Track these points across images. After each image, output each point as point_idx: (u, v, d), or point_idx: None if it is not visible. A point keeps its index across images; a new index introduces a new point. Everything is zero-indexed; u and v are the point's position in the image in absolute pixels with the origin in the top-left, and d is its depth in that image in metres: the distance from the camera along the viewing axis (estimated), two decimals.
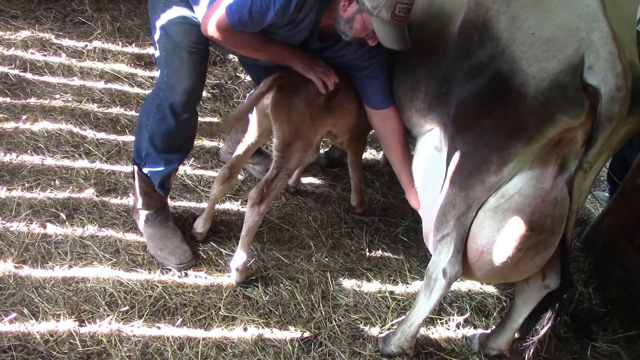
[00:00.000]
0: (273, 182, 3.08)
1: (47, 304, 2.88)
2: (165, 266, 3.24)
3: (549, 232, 2.42)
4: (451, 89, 2.60)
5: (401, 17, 2.64)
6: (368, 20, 2.67)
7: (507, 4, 2.28)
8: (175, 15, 2.93)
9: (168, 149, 3.22)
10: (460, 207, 2.52)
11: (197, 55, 2.99)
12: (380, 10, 2.60)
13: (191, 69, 2.99)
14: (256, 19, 2.68)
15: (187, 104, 3.08)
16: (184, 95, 3.03)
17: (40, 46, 4.70)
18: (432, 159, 2.87)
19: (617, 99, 2.05)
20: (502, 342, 3.03)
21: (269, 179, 3.08)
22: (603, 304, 3.64)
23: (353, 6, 2.69)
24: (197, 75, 3.05)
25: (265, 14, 2.66)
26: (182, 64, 2.97)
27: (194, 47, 2.95)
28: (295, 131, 3.03)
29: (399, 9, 2.60)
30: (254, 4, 2.63)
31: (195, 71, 3.01)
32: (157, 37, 3.00)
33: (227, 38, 2.80)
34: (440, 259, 2.65)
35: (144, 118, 3.18)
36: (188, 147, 3.36)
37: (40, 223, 3.29)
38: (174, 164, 3.28)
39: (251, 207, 3.08)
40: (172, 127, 3.12)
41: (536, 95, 2.14)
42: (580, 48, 2.08)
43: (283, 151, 3.06)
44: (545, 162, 2.34)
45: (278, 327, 3.06)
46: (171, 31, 2.93)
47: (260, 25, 2.74)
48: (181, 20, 2.93)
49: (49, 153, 3.76)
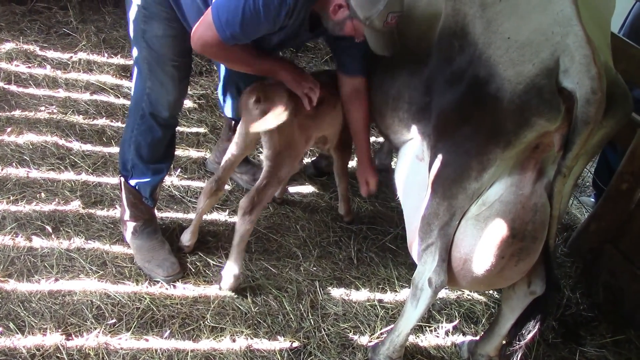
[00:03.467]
0: (264, 191, 3.07)
1: (33, 318, 2.85)
2: (153, 278, 3.22)
3: (530, 239, 2.43)
4: (434, 98, 2.61)
5: (392, 24, 2.65)
6: (359, 26, 2.67)
7: (483, 9, 2.30)
8: (158, 29, 2.90)
9: (155, 159, 3.21)
10: (443, 217, 2.53)
11: (180, 68, 3.01)
12: (373, 20, 2.59)
13: (175, 82, 3.00)
14: (248, 32, 2.66)
15: (171, 115, 3.11)
16: (168, 107, 3.05)
17: (24, 58, 4.67)
18: (414, 168, 2.88)
19: (593, 101, 2.07)
20: (490, 348, 3.03)
21: (259, 188, 3.07)
22: (590, 309, 3.65)
23: (344, 11, 2.66)
24: (181, 88, 3.09)
25: (257, 27, 2.64)
26: (165, 77, 2.98)
27: (177, 60, 2.96)
28: (285, 140, 3.04)
29: (390, 18, 2.60)
30: (245, 17, 2.59)
31: (179, 84, 3.04)
32: (139, 50, 2.98)
33: (219, 53, 2.80)
34: (426, 269, 2.65)
35: (128, 130, 3.16)
36: (173, 154, 3.37)
37: (25, 236, 3.26)
38: (162, 173, 3.28)
39: (242, 216, 3.07)
40: (159, 137, 3.12)
41: (512, 99, 2.17)
42: (555, 52, 2.10)
43: (274, 160, 3.06)
44: (524, 168, 2.36)
45: (267, 337, 3.05)
46: (154, 45, 2.92)
47: (253, 37, 2.73)
48: (164, 34, 2.91)
49: (34, 165, 3.73)
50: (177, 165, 4.03)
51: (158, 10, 2.88)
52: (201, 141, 4.35)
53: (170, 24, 2.91)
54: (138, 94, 3.08)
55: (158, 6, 2.87)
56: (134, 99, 3.13)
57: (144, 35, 2.92)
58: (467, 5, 2.38)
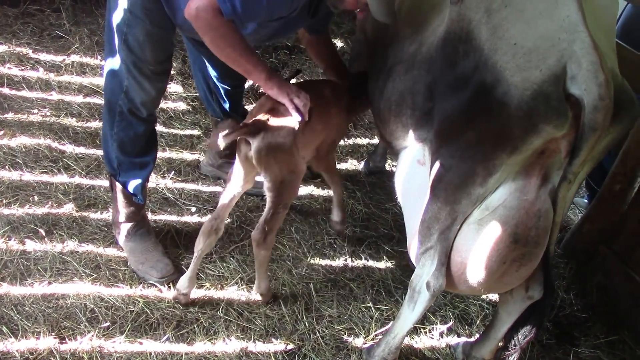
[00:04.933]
0: (272, 220, 2.96)
1: (26, 322, 2.84)
2: (147, 280, 3.21)
3: (533, 244, 2.41)
4: (437, 103, 2.60)
5: None
6: None
7: (489, 14, 2.29)
8: (139, 34, 2.88)
9: (138, 152, 3.22)
10: (445, 221, 2.51)
11: (159, 72, 3.02)
12: None
13: (152, 83, 3.02)
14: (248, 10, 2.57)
15: (149, 112, 3.15)
16: (146, 106, 3.08)
17: (17, 61, 4.66)
18: (415, 172, 2.87)
19: (601, 108, 2.06)
20: (485, 352, 3.03)
21: (267, 218, 2.95)
22: (584, 310, 3.66)
23: None
24: (159, 90, 3.11)
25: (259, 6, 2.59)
26: (144, 80, 2.99)
27: (156, 65, 2.96)
28: (287, 169, 2.91)
29: None
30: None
31: (157, 86, 3.06)
32: (118, 52, 2.95)
33: (211, 24, 2.60)
34: (424, 272, 2.64)
35: (107, 128, 3.16)
36: (155, 147, 3.37)
37: (18, 239, 3.25)
38: (148, 166, 3.29)
39: (257, 247, 3.00)
40: (141, 131, 3.15)
41: (520, 105, 2.15)
42: (562, 58, 2.09)
43: (277, 190, 2.92)
44: (529, 173, 2.34)
45: (261, 340, 3.05)
46: (135, 48, 2.91)
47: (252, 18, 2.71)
48: (145, 39, 2.90)
49: (27, 168, 3.72)
50: (171, 167, 4.03)
51: (143, 14, 2.85)
52: (195, 143, 4.35)
53: (152, 29, 2.89)
54: (112, 90, 3.06)
55: (144, 10, 2.84)
56: (107, 96, 3.11)
57: (125, 39, 2.90)
58: (472, 11, 2.37)
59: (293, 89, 2.89)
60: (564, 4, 2.13)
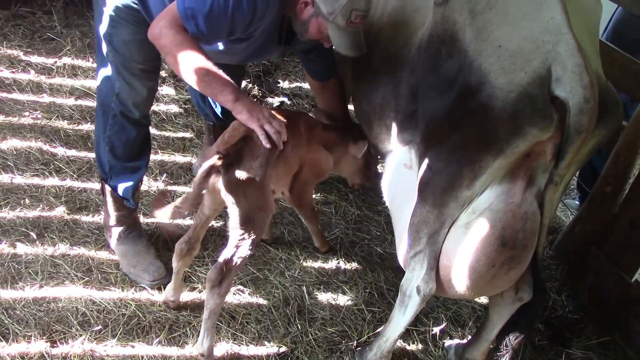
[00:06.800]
0: (233, 259, 2.68)
1: (17, 325, 2.83)
2: (139, 284, 3.20)
3: (521, 247, 2.41)
4: (420, 105, 2.60)
5: (357, 24, 2.64)
6: (323, 24, 2.66)
7: (473, 16, 2.30)
8: (125, 34, 2.88)
9: (130, 157, 3.21)
10: (434, 225, 2.51)
11: (148, 71, 3.01)
12: (336, 16, 2.59)
13: (143, 83, 3.01)
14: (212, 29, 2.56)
15: (142, 114, 3.13)
16: (138, 107, 3.06)
17: (8, 63, 4.64)
18: (402, 176, 2.87)
19: (586, 110, 2.07)
20: (477, 353, 3.04)
21: (227, 258, 2.67)
22: (576, 311, 3.67)
23: (309, 9, 2.66)
24: (150, 89, 3.09)
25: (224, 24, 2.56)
26: (134, 80, 2.98)
27: (144, 63, 2.96)
28: (256, 203, 2.70)
29: (354, 16, 2.59)
30: (212, 11, 2.49)
31: (147, 85, 3.05)
32: (106, 54, 2.96)
33: (174, 41, 2.55)
34: (414, 276, 2.64)
35: (100, 132, 3.15)
36: (148, 152, 3.35)
37: (9, 243, 3.24)
38: (139, 171, 3.27)
39: (211, 289, 2.67)
40: (133, 136, 3.13)
41: (505, 107, 2.15)
42: (546, 60, 2.10)
43: (244, 226, 2.67)
44: (514, 175, 2.34)
45: (254, 342, 3.04)
46: (121, 49, 2.91)
47: (216, 37, 2.67)
48: (130, 38, 2.89)
49: (18, 171, 3.70)
50: (163, 170, 4.02)
51: (126, 14, 2.85)
52: (187, 146, 4.34)
53: (138, 28, 2.87)
54: (105, 93, 3.06)
55: (127, 10, 2.84)
56: (100, 99, 3.11)
57: (110, 40, 2.91)
58: (456, 13, 2.37)
59: (265, 113, 2.69)
60: (549, 6, 2.14)
